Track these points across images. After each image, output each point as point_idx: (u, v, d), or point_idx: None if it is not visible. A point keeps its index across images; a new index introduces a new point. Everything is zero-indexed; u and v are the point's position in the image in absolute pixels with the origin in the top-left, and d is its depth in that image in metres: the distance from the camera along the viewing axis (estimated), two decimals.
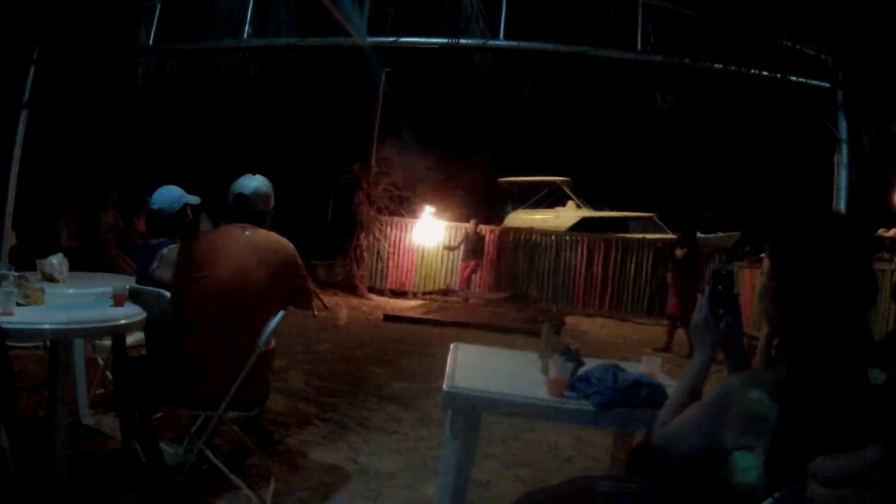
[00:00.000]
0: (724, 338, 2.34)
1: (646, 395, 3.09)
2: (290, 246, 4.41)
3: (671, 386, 3.26)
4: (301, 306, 4.62)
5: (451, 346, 4.20)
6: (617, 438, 4.35)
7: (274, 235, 4.41)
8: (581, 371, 3.29)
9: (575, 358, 3.38)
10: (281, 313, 4.20)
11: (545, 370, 3.39)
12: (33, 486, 3.89)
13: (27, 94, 12.90)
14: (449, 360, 3.84)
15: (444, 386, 3.24)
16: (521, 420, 6.08)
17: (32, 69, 12.90)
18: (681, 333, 12.42)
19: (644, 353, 10.84)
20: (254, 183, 4.52)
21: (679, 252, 12.86)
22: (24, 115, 12.93)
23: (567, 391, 3.19)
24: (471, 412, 3.22)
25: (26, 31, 12.49)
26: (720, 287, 2.37)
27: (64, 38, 12.98)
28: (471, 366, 3.76)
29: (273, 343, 4.35)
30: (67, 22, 12.72)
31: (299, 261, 4.45)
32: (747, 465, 1.86)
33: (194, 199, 5.36)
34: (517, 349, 4.80)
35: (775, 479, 1.78)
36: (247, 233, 4.31)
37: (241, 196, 4.46)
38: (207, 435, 4.19)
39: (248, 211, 4.45)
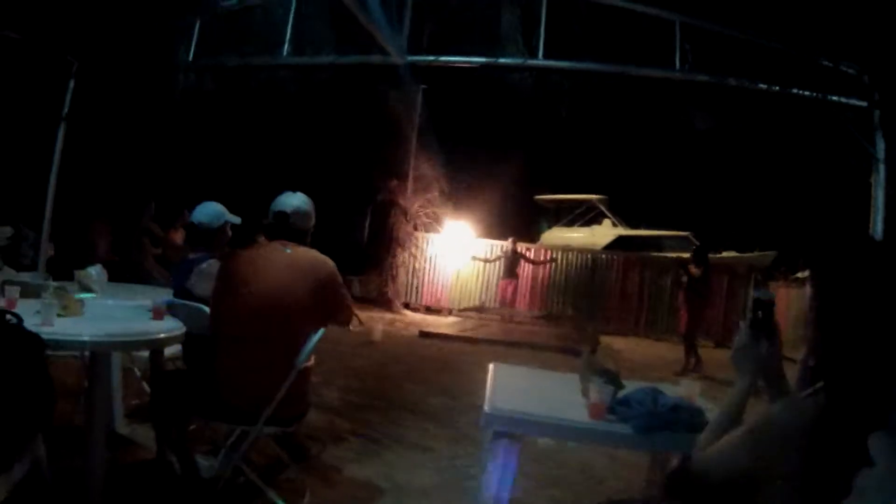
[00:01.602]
0: (764, 365, 2.33)
1: (686, 419, 3.07)
2: (331, 263, 4.39)
3: (710, 410, 3.24)
4: (340, 323, 4.62)
5: (490, 365, 4.18)
6: (653, 461, 4.31)
7: (314, 253, 4.41)
8: (620, 394, 3.27)
9: (614, 381, 3.36)
10: (321, 331, 4.20)
11: (585, 393, 3.37)
12: (68, 494, 3.91)
13: (67, 108, 13.04)
14: (489, 379, 3.83)
15: (484, 407, 3.23)
16: (557, 439, 6.04)
17: (72, 83, 13.05)
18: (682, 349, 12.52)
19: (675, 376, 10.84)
20: (294, 201, 4.52)
21: (695, 271, 12.78)
22: (62, 127, 13.08)
23: (607, 414, 3.18)
24: (513, 434, 3.21)
25: (66, 46, 12.64)
26: (761, 314, 2.35)
27: (103, 53, 13.12)
28: (511, 386, 3.75)
29: (312, 360, 4.35)
30: (107, 37, 12.87)
31: (339, 278, 4.43)
32: (785, 491, 1.84)
33: (235, 219, 5.39)
34: (553, 368, 4.78)
35: None
36: (287, 250, 4.31)
37: (281, 214, 4.45)
38: (244, 449, 4.19)
39: (288, 228, 4.44)
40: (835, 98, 11.87)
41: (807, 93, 11.97)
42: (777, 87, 12.04)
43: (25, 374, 2.99)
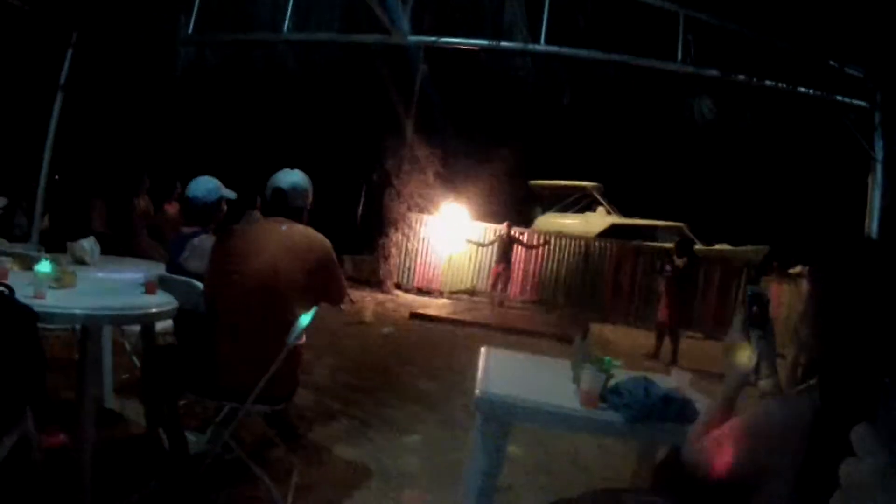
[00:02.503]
0: (757, 360, 2.34)
1: (676, 410, 3.07)
2: (327, 242, 4.38)
3: (700, 401, 3.25)
4: (333, 302, 4.61)
5: (482, 350, 4.17)
6: (642, 451, 4.32)
7: (311, 231, 4.39)
8: (612, 383, 3.27)
9: (606, 370, 3.37)
10: (314, 309, 4.18)
11: (577, 380, 3.37)
12: (57, 469, 3.90)
13: (64, 78, 12.97)
14: (480, 364, 3.82)
15: (476, 392, 3.22)
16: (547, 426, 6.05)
17: (70, 53, 12.98)
18: (667, 341, 12.63)
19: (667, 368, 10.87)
20: (292, 178, 4.50)
21: (679, 262, 12.83)
22: (59, 98, 13.01)
23: (598, 403, 3.18)
24: (503, 419, 3.21)
25: (65, 16, 12.57)
26: (755, 309, 2.36)
27: (103, 24, 13.05)
28: (502, 372, 3.74)
29: (303, 338, 4.34)
30: (107, 8, 12.80)
31: (334, 257, 4.42)
32: (778, 487, 1.85)
33: (231, 194, 5.36)
34: (543, 354, 4.78)
35: (806, 502, 1.76)
36: (283, 228, 4.29)
37: (279, 191, 4.44)
38: (233, 426, 4.19)
39: (286, 206, 4.43)
40: (837, 98, 11.86)
41: (810, 91, 11.96)
42: (784, 85, 12.01)
43: (17, 347, 2.98)
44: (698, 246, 21.87)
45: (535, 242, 20.38)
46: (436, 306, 17.16)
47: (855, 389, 1.83)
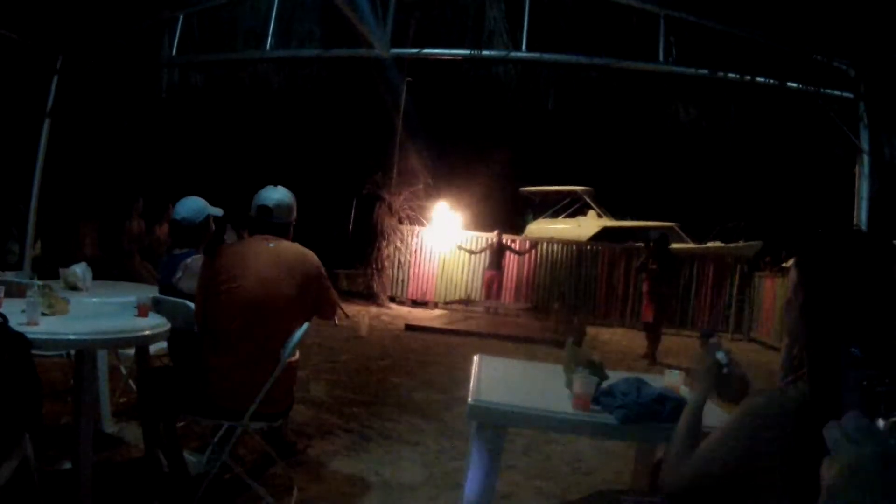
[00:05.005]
0: (724, 383, 2.40)
1: (669, 409, 3.07)
2: (315, 257, 4.42)
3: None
4: (325, 317, 4.63)
5: (475, 357, 4.17)
6: (639, 452, 4.32)
7: (298, 247, 4.42)
8: (605, 384, 3.28)
9: (599, 372, 3.37)
10: (306, 325, 4.21)
11: (569, 384, 3.38)
12: (57, 494, 3.90)
13: (50, 104, 12.95)
14: (473, 372, 3.82)
15: (469, 399, 3.22)
16: (543, 431, 6.05)
17: (56, 78, 12.96)
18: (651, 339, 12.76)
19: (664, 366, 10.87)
20: (276, 195, 4.53)
21: (652, 266, 12.91)
22: (47, 124, 12.98)
23: (591, 405, 3.19)
24: (497, 426, 3.22)
25: (50, 41, 12.55)
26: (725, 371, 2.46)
27: (88, 47, 13.04)
28: (495, 378, 3.74)
29: (297, 354, 4.35)
30: (91, 32, 12.78)
31: (324, 272, 4.45)
32: (769, 481, 1.85)
33: (218, 212, 5.38)
34: (539, 360, 4.79)
35: (799, 498, 1.77)
36: (271, 245, 4.32)
37: (264, 208, 4.47)
38: (231, 445, 4.20)
39: (271, 223, 4.46)
40: (823, 91, 11.86)
41: (797, 85, 11.96)
42: (772, 81, 12.01)
43: (12, 374, 2.99)
44: (690, 245, 22.01)
45: (525, 248, 20.40)
46: (431, 317, 17.16)
47: (842, 379, 1.84)
